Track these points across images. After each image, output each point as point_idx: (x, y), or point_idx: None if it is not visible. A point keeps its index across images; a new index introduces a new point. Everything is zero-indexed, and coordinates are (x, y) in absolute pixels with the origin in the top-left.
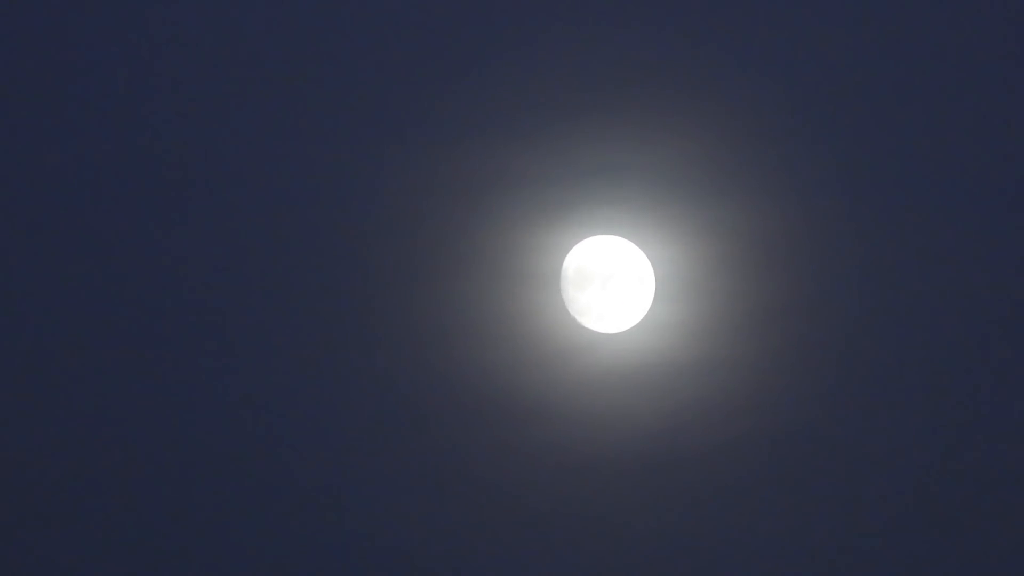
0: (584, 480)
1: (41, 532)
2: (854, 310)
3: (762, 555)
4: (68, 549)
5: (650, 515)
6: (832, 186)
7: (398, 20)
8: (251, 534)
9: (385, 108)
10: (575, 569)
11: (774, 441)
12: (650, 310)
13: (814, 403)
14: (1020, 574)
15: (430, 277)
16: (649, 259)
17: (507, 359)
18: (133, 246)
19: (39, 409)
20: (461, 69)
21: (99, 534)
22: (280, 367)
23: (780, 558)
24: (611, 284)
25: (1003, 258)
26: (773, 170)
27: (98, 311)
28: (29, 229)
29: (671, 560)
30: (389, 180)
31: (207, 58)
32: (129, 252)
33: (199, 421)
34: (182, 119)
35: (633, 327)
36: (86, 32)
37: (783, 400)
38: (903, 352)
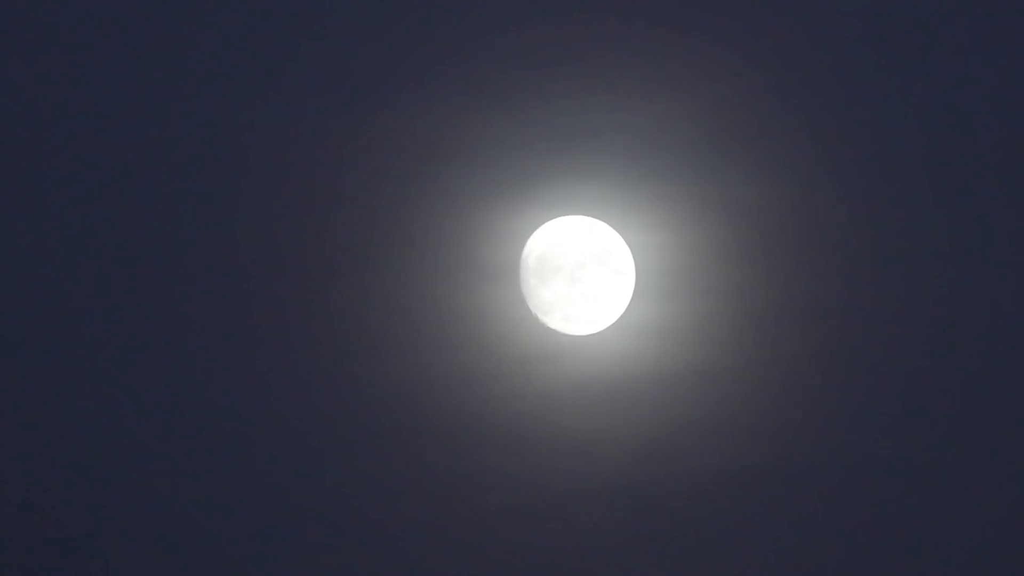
0: (543, 518)
1: None
2: (867, 312)
3: None
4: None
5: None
6: (855, 162)
7: None
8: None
9: (318, 65)
10: None
11: (779, 467)
12: (628, 309)
13: (824, 421)
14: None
15: (358, 269)
16: (629, 246)
17: (452, 369)
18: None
19: None
20: (403, 16)
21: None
22: (180, 368)
23: None
24: (582, 276)
25: (1005, 249)
26: (784, 140)
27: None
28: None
29: None
30: (308, 150)
31: (136, 22)
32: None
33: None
34: (116, 88)
35: (607, 329)
36: None
37: (789, 418)
38: (917, 363)
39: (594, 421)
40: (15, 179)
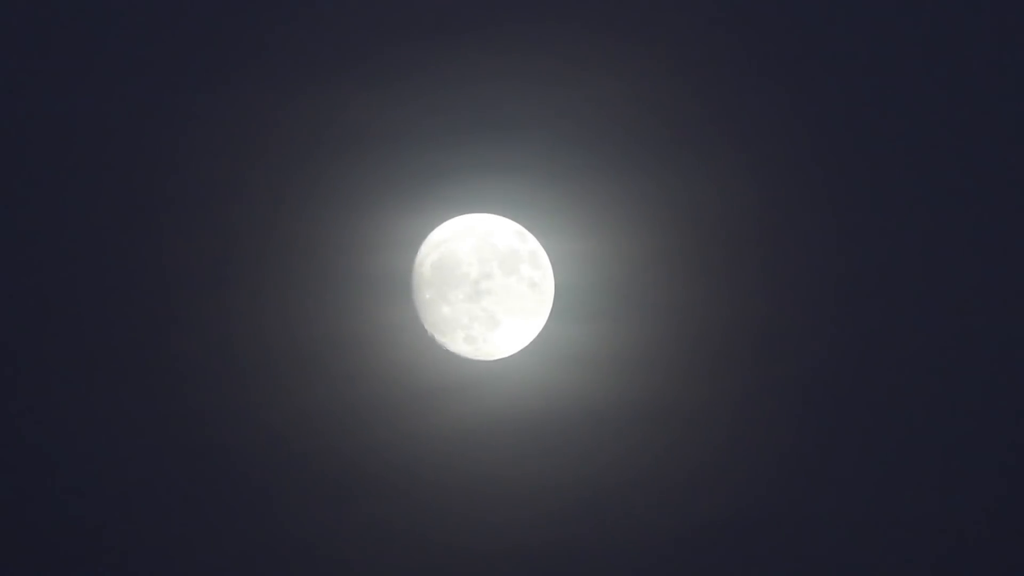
0: None
1: None
2: (836, 335)
3: None
4: None
5: None
6: (815, 156)
7: None
8: None
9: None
10: None
11: (731, 527)
12: (544, 329)
13: (785, 469)
14: None
15: (214, 285)
16: (548, 254)
17: (327, 405)
18: None
19: None
20: None
21: None
22: None
23: None
24: (489, 289)
25: (972, 261)
26: (733, 130)
27: None
28: None
29: None
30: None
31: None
32: None
33: None
34: None
35: (519, 353)
36: None
37: (741, 464)
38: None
39: (500, 468)
40: None
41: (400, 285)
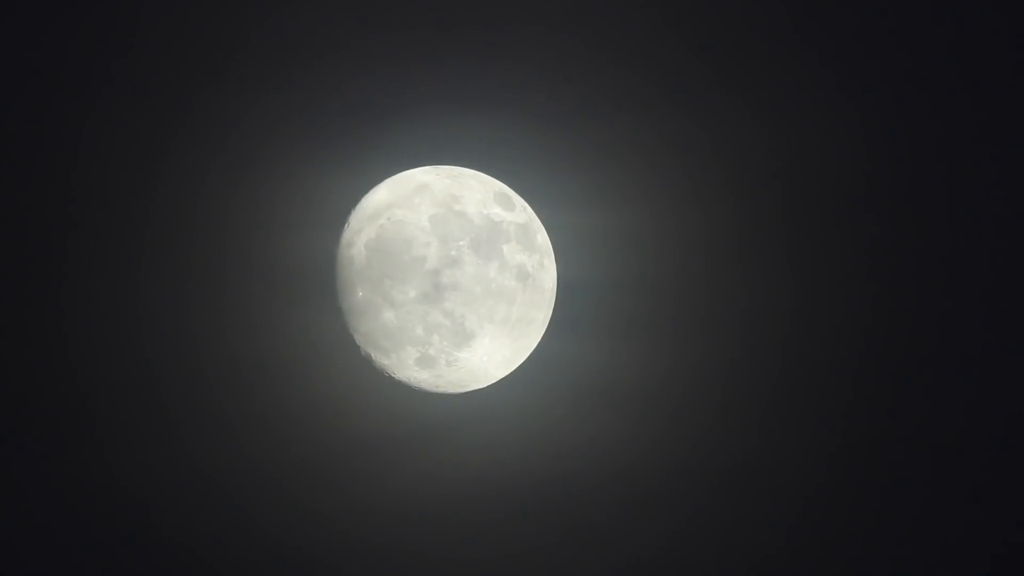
0: None
1: None
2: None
3: None
4: None
5: None
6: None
7: None
8: None
9: None
10: None
11: None
12: (540, 347)
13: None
14: None
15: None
16: (548, 231)
17: (227, 429)
18: None
19: None
20: None
21: None
22: None
23: None
24: (454, 283)
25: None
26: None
27: None
28: None
29: None
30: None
31: None
32: None
33: None
34: None
35: (501, 383)
36: None
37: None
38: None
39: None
40: None
41: (315, 279)
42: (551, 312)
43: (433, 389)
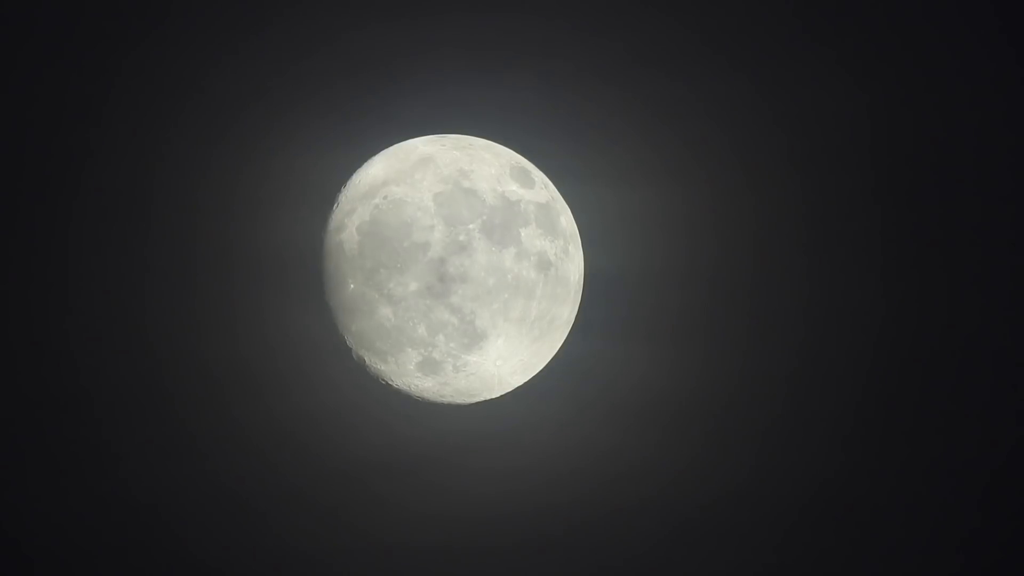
0: None
1: None
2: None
3: None
4: None
5: None
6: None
7: None
8: None
9: None
10: None
11: None
12: (563, 350)
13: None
14: None
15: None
16: (573, 211)
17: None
18: None
19: None
20: None
21: None
22: None
23: None
24: (463, 274)
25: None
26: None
27: None
28: None
29: None
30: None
31: None
32: None
33: None
34: None
35: (519, 391)
36: None
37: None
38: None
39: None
40: None
41: (298, 270)
42: (577, 309)
43: (438, 399)
